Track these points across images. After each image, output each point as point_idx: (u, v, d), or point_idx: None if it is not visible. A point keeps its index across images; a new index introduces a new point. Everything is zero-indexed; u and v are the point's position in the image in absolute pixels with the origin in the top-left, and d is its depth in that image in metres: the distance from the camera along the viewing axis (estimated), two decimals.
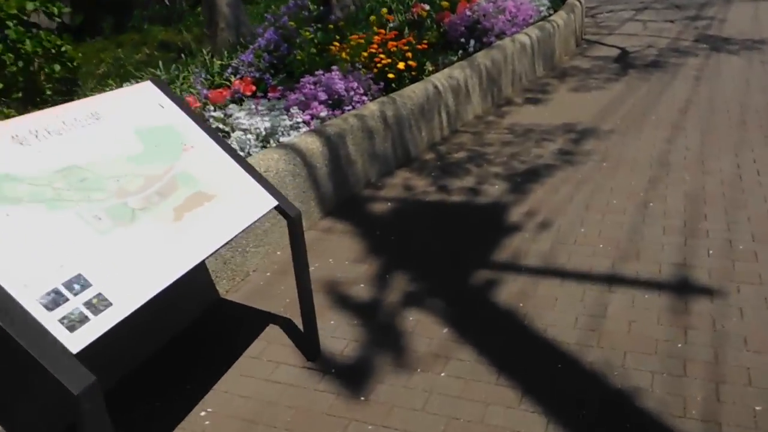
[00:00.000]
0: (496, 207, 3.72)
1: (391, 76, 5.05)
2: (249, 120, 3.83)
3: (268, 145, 3.88)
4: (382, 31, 6.10)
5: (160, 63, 6.05)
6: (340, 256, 3.32)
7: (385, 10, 7.24)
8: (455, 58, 6.40)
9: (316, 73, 4.74)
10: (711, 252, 3.04)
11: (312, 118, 4.33)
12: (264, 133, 3.86)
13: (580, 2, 8.33)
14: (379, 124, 4.27)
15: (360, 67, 5.11)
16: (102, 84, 6.86)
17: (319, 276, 3.12)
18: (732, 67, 6.48)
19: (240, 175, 2.26)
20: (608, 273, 2.93)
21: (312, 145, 3.70)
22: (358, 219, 3.74)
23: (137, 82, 5.65)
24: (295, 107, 4.28)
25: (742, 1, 10.75)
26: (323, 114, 4.28)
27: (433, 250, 3.29)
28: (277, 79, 4.84)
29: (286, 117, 4.17)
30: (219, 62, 5.28)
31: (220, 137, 2.34)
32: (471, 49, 6.64)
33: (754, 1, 10.58)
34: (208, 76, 5.04)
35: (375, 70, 5.11)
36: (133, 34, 14.12)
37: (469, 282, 2.96)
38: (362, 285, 3.01)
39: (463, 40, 6.89)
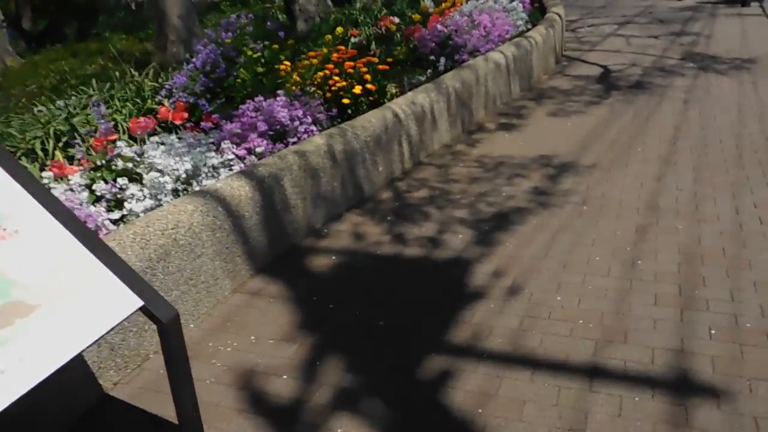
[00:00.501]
0: (458, 264, 3.14)
1: (346, 101, 4.47)
2: (166, 159, 3.22)
3: (189, 189, 3.27)
4: (342, 48, 5.52)
5: (94, 82, 5.42)
6: (264, 331, 2.72)
7: (340, 30, 6.67)
8: (423, 78, 5.84)
9: (257, 99, 4.14)
10: (713, 332, 2.48)
11: (249, 153, 3.73)
12: (184, 175, 3.25)
13: (561, 17, 7.84)
14: (326, 161, 3.69)
15: (311, 91, 4.52)
16: (33, 103, 6.19)
17: (233, 361, 2.51)
18: (722, 90, 6.00)
19: (89, 266, 1.65)
20: (589, 362, 2.36)
21: (239, 190, 3.10)
22: (294, 279, 3.14)
23: (71, 99, 5.04)
24: (228, 141, 3.67)
25: (728, 16, 10.36)
26: (260, 149, 3.68)
27: (377, 324, 2.69)
28: (213, 105, 4.23)
29: (216, 152, 3.57)
30: (150, 83, 4.66)
31: (68, 211, 1.73)
32: (441, 68, 6.09)
33: (739, 16, 10.19)
34: (137, 101, 4.42)
35: (328, 95, 4.53)
36: (91, 42, 13.41)
37: (417, 374, 2.37)
38: (285, 377, 2.41)
39: (433, 57, 6.34)
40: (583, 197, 3.80)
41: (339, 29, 6.31)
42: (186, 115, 4.13)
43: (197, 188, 3.30)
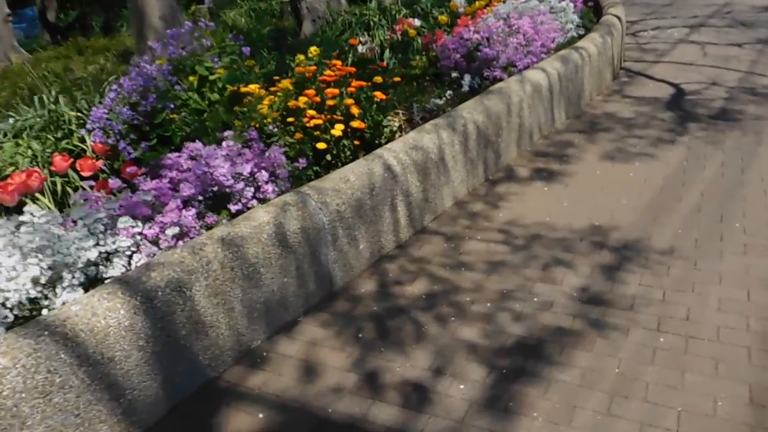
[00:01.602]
0: None
1: (321, 146, 3.26)
2: (3, 258, 2.08)
3: (38, 310, 2.12)
4: (338, 63, 4.30)
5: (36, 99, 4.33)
6: None
7: (353, 40, 5.46)
8: (441, 101, 4.58)
9: (193, 145, 2.97)
10: None
11: (161, 230, 2.56)
12: (28, 293, 2.09)
13: (620, 20, 6.42)
14: (273, 249, 2.50)
15: (277, 130, 3.33)
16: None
17: None
18: None
19: None
20: None
21: (108, 317, 1.95)
22: None
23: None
24: (127, 217, 2.51)
25: None
26: (173, 231, 2.51)
27: None
28: (139, 149, 3.08)
29: (105, 234, 2.41)
30: (72, 113, 3.53)
31: None
32: (466, 88, 4.81)
33: None
34: (50, 136, 3.31)
35: (298, 136, 3.33)
36: (100, 38, 12.52)
37: None
38: None
39: (456, 74, 5.06)
40: (658, 317, 2.49)
41: (328, 40, 5.09)
42: (98, 164, 2.99)
43: (49, 309, 2.15)
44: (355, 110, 3.41)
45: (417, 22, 6.02)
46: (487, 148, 3.91)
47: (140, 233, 2.50)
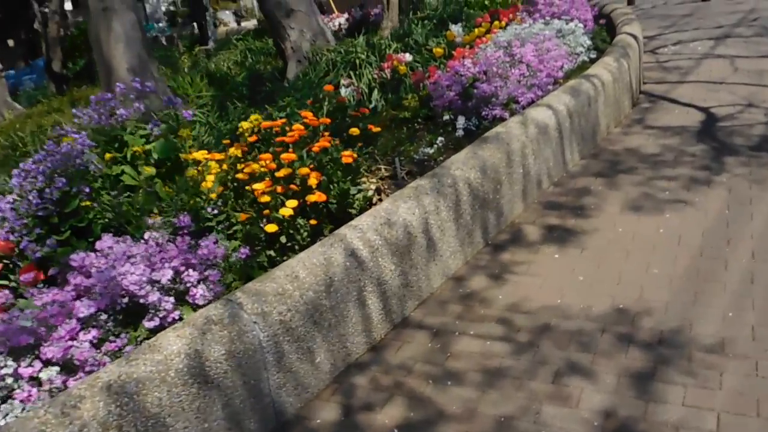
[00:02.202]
0: None
1: (271, 228, 2.65)
2: None
3: None
4: (308, 115, 3.75)
5: None
6: None
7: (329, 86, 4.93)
8: (431, 150, 3.97)
9: (103, 239, 2.40)
10: None
11: (42, 368, 1.97)
12: None
13: (636, 38, 5.75)
14: (186, 390, 1.88)
15: (215, 211, 2.74)
16: None
17: None
18: None
19: None
20: None
21: None
22: None
23: None
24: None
25: None
26: (47, 374, 1.91)
27: None
28: (43, 248, 2.52)
29: None
30: None
31: None
32: (460, 132, 4.19)
33: None
34: None
35: (244, 216, 2.73)
36: (97, 87, 12.25)
37: None
38: None
39: (448, 116, 4.45)
40: None
41: (308, 87, 4.55)
42: None
43: None
44: (313, 180, 2.80)
45: (408, 57, 5.44)
46: (485, 208, 3.26)
47: (14, 372, 1.92)
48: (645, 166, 4.02)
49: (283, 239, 2.73)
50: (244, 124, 3.38)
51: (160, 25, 21.98)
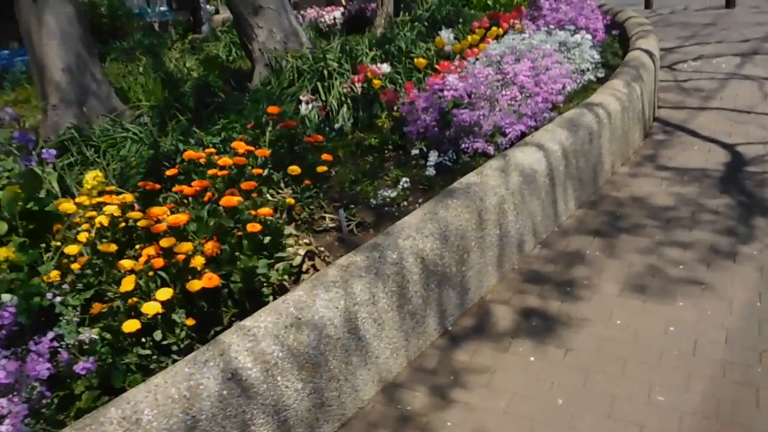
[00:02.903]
0: None
1: (131, 326, 1.93)
2: None
3: None
4: (240, 144, 3.04)
5: None
6: None
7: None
8: (394, 194, 3.24)
9: None
10: None
11: None
12: None
13: (652, 55, 4.97)
14: None
15: (59, 298, 2.01)
16: None
17: None
18: None
19: None
20: None
21: None
22: None
23: None
24: None
25: None
26: None
27: None
28: None
29: None
30: None
31: None
32: (430, 171, 3.46)
33: None
34: None
35: (96, 308, 2.01)
36: None
37: None
38: None
39: (420, 148, 3.72)
40: None
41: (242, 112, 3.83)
42: None
43: None
44: (199, 260, 2.07)
45: (386, 68, 4.68)
46: (444, 286, 2.53)
47: None
48: (654, 224, 3.26)
49: (158, 335, 2.01)
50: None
51: (161, 9, 21.14)
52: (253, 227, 2.17)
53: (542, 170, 3.12)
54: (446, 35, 5.57)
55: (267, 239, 2.33)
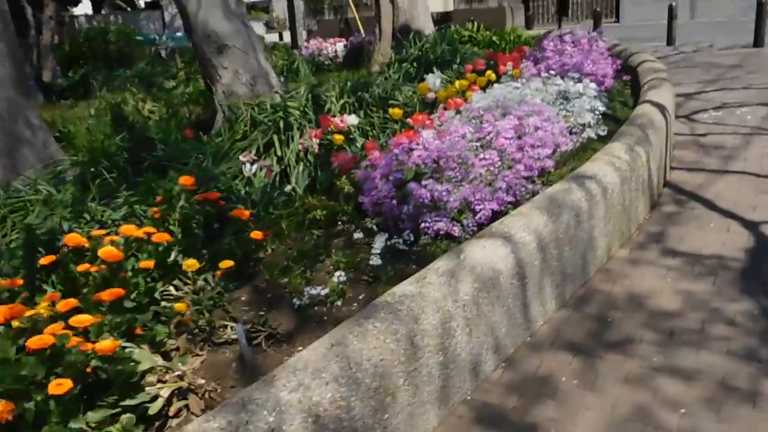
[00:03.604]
0: None
1: None
2: None
3: None
4: (129, 229, 2.46)
5: None
6: None
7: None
8: (326, 289, 2.61)
9: None
10: None
11: None
12: None
13: (664, 110, 4.31)
14: None
15: None
16: None
17: None
18: None
19: None
20: None
21: None
22: None
23: None
24: None
25: None
26: None
27: None
28: None
29: None
30: None
31: None
32: (376, 259, 2.84)
33: None
34: None
35: None
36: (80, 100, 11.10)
37: None
38: None
39: (372, 224, 3.12)
40: None
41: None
42: None
43: None
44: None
45: (353, 120, 4.10)
46: None
47: None
48: (653, 338, 2.58)
49: None
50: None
51: (179, 35, 20.94)
52: (59, 387, 1.55)
53: (509, 270, 2.47)
54: (432, 80, 5.00)
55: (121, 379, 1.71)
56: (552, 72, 4.96)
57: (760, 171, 4.32)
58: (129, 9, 28.60)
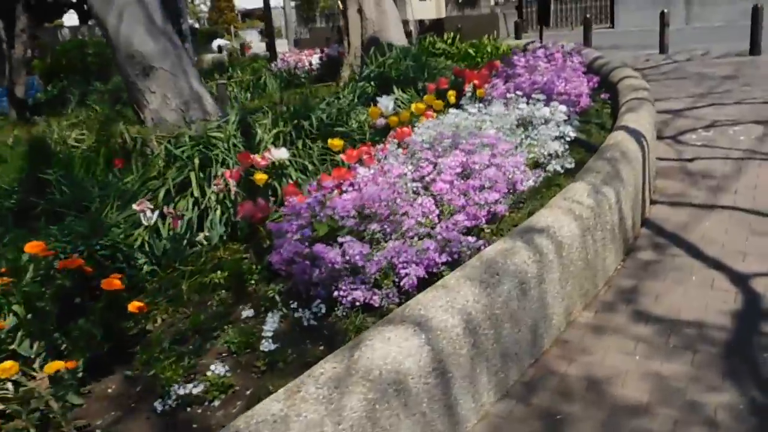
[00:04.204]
0: None
1: None
2: None
3: None
4: None
5: None
6: None
7: None
8: (199, 387, 2.07)
9: None
10: None
11: None
12: None
13: (642, 140, 3.77)
14: None
15: None
16: None
17: None
18: None
19: None
20: None
21: None
22: None
23: None
24: None
25: None
26: None
27: None
28: None
29: None
30: None
31: None
32: (268, 343, 2.29)
33: None
34: None
35: None
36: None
37: None
38: None
39: (275, 292, 2.59)
40: None
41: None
42: None
43: None
44: None
45: (282, 153, 3.56)
46: None
47: None
48: None
49: None
50: None
51: None
52: None
53: (422, 368, 1.93)
54: (385, 103, 4.47)
55: None
56: (519, 93, 4.42)
57: (753, 206, 3.78)
58: None
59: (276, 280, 2.76)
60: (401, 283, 2.45)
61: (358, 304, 2.43)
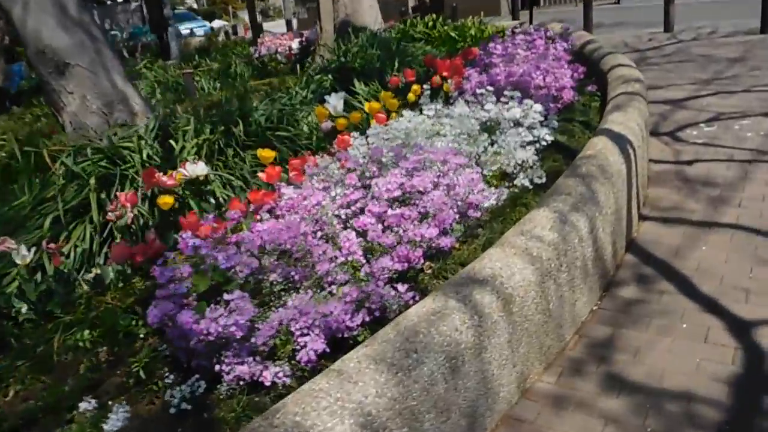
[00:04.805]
0: None
1: None
2: None
3: None
4: None
5: None
6: None
7: None
8: None
9: None
10: None
11: None
12: None
13: (627, 146, 3.18)
14: None
15: None
16: None
17: None
18: None
19: None
20: None
21: None
22: None
23: None
24: None
25: None
26: None
27: None
28: None
29: None
30: None
31: None
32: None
33: None
34: None
35: None
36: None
37: None
38: None
39: (140, 363, 2.03)
40: None
41: None
42: None
43: None
44: None
45: (200, 168, 3.01)
46: None
47: None
48: None
49: None
50: None
51: (141, 29, 19.52)
52: None
53: None
54: (333, 102, 3.89)
55: None
56: (490, 88, 3.82)
57: (759, 224, 3.19)
58: (109, 2, 27.39)
59: (162, 340, 2.23)
60: (298, 357, 1.91)
61: (242, 380, 1.90)
